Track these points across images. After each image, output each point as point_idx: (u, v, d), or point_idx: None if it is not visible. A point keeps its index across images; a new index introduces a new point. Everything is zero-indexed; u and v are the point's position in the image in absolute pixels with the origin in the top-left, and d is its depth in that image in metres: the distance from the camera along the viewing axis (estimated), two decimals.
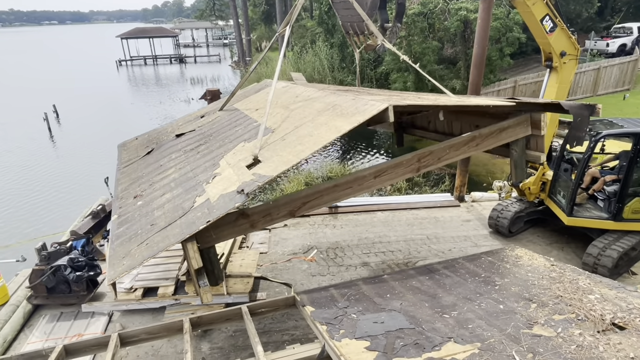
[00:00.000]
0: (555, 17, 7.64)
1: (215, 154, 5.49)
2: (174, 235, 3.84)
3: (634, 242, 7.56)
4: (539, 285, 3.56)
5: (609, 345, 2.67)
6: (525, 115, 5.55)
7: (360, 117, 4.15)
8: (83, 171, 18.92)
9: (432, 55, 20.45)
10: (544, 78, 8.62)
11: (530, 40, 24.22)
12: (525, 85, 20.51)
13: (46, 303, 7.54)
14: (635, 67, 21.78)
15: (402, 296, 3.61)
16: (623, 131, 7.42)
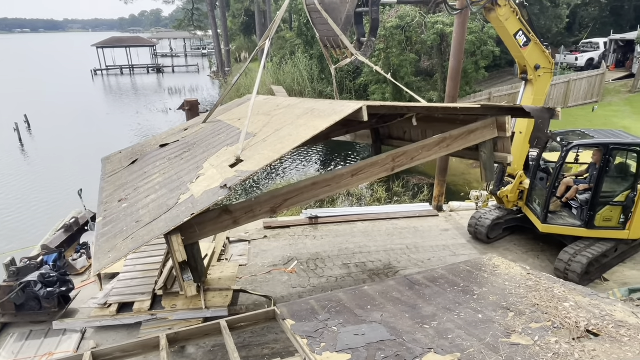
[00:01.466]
0: (528, 32, 7.89)
1: (199, 158, 5.63)
2: (158, 229, 3.97)
3: (604, 249, 7.80)
4: (516, 294, 3.62)
5: (584, 353, 2.73)
6: (492, 119, 5.83)
7: (336, 116, 4.39)
8: (55, 183, 18.39)
9: (409, 67, 20.86)
10: (520, 90, 8.87)
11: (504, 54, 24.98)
12: (499, 97, 21.08)
13: (14, 321, 7.24)
14: (602, 81, 22.69)
15: (383, 307, 3.61)
16: (593, 142, 7.71)
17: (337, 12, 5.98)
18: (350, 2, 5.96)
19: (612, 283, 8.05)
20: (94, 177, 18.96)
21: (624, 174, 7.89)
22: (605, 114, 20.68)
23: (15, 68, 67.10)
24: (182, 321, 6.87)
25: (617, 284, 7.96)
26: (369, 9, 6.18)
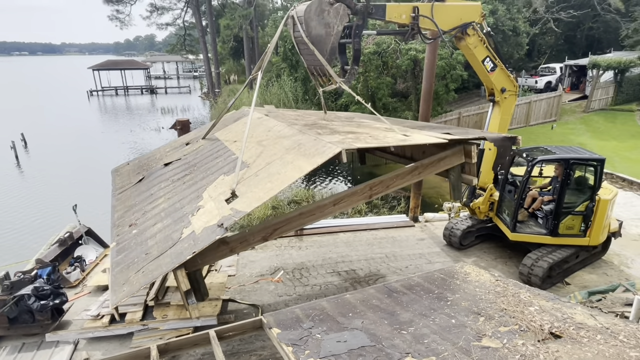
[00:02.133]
0: (495, 58, 8.12)
1: (199, 185, 5.80)
2: (165, 264, 4.23)
3: (564, 255, 7.94)
4: (486, 300, 3.64)
5: (548, 354, 2.75)
6: (460, 147, 5.98)
7: (319, 158, 4.59)
8: (50, 199, 17.89)
9: (386, 90, 21.18)
10: (488, 111, 9.06)
11: (472, 77, 25.62)
12: (468, 117, 21.56)
13: (7, 334, 6.95)
14: (559, 101, 23.44)
15: (364, 314, 3.59)
16: (555, 157, 7.90)
17: (322, 44, 6.03)
18: (334, 35, 6.07)
19: (573, 286, 8.18)
20: (89, 192, 18.72)
21: (583, 186, 8.09)
22: (563, 131, 21.31)
23: (13, 89, 65.67)
24: (173, 330, 6.71)
25: (578, 287, 8.09)
26: (352, 40, 6.28)
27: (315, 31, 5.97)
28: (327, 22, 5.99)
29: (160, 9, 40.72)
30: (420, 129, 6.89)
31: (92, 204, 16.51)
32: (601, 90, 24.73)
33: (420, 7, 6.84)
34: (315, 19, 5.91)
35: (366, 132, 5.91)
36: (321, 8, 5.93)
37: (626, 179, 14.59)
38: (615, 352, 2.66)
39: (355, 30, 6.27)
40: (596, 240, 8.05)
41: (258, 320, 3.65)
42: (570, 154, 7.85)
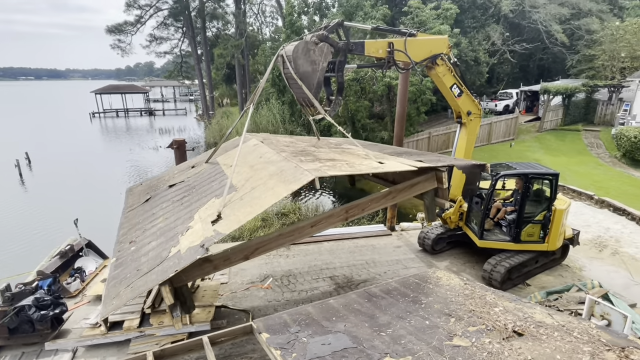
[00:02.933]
0: (461, 85, 8.32)
1: (194, 206, 5.71)
2: (151, 281, 4.23)
3: (522, 259, 8.05)
4: (456, 302, 3.65)
5: (512, 350, 2.76)
6: (432, 173, 5.97)
7: (295, 185, 4.59)
8: (52, 214, 17.33)
9: (364, 112, 21.47)
10: (456, 131, 9.25)
11: (439, 101, 26.24)
12: (437, 136, 21.96)
13: (7, 344, 6.61)
14: (516, 122, 24.15)
15: (346, 318, 3.55)
16: (516, 172, 8.06)
17: (309, 79, 6.11)
18: (320, 71, 6.17)
19: (533, 287, 8.29)
20: (89, 207, 18.20)
21: (541, 198, 8.26)
22: (520, 148, 21.89)
23: (19, 111, 64.02)
24: (169, 336, 6.50)
25: (537, 288, 8.21)
26: (336, 74, 6.44)
27: (303, 68, 6.05)
28: (313, 59, 6.09)
29: (159, 39, 40.58)
30: (399, 155, 6.86)
31: (93, 218, 16.06)
32: (552, 112, 25.64)
33: (394, 42, 7.02)
34: (302, 57, 6.00)
35: (345, 160, 5.82)
36: (307, 48, 6.03)
37: (575, 190, 15.04)
38: (570, 347, 2.70)
39: (338, 65, 6.44)
40: (554, 245, 8.20)
41: (248, 325, 3.57)
42: (529, 169, 8.05)
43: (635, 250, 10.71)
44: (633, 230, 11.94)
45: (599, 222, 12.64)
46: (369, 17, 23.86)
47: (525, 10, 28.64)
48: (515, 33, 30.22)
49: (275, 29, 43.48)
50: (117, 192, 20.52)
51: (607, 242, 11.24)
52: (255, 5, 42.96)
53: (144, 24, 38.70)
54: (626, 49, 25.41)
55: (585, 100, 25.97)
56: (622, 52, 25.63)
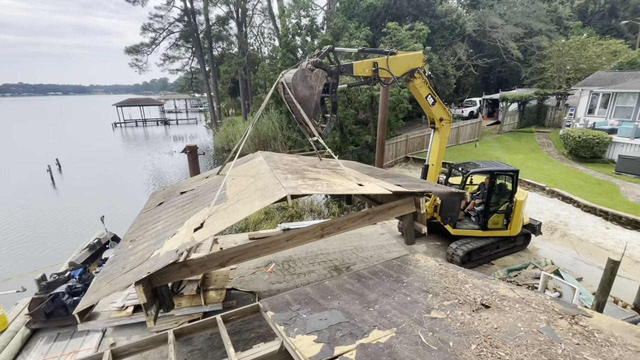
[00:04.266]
0: (434, 95, 8.36)
1: (189, 213, 5.35)
2: (128, 280, 3.90)
3: (480, 244, 8.14)
4: (433, 280, 3.67)
5: (481, 320, 2.79)
6: (410, 198, 5.45)
7: (269, 200, 4.19)
8: (81, 212, 17.04)
9: (350, 119, 21.44)
10: (430, 135, 9.28)
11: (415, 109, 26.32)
12: (413, 139, 22.01)
13: (44, 327, 6.51)
14: (480, 126, 24.33)
15: (339, 297, 3.55)
16: (482, 170, 8.13)
17: (308, 102, 6.06)
18: (316, 94, 6.10)
19: (497, 266, 8.38)
20: (114, 205, 17.90)
21: (504, 191, 8.34)
22: (483, 148, 22.08)
23: (49, 122, 62.76)
24: (186, 316, 6.45)
25: (500, 266, 8.31)
26: (330, 95, 6.40)
27: (302, 93, 5.99)
28: (310, 85, 6.01)
29: (171, 58, 39.99)
30: (385, 177, 6.51)
31: (117, 215, 15.85)
32: (509, 117, 25.92)
33: (378, 61, 7.03)
34: (300, 83, 5.93)
35: (328, 180, 5.33)
36: (304, 74, 5.97)
37: (530, 183, 15.24)
38: (529, 316, 2.73)
39: (332, 87, 6.35)
40: (515, 231, 8.29)
41: (255, 305, 3.55)
42: (493, 167, 8.12)
43: (580, 233, 10.91)
44: (579, 215, 12.16)
45: (550, 209, 12.84)
46: (354, 37, 23.80)
47: (486, 30, 28.87)
48: (478, 50, 30.46)
49: (272, 48, 43.15)
50: (137, 191, 20.27)
51: (557, 226, 11.43)
52: (255, 27, 42.61)
53: (158, 45, 38.12)
54: (570, 62, 25.80)
55: (537, 106, 26.34)
56: (567, 65, 26.01)
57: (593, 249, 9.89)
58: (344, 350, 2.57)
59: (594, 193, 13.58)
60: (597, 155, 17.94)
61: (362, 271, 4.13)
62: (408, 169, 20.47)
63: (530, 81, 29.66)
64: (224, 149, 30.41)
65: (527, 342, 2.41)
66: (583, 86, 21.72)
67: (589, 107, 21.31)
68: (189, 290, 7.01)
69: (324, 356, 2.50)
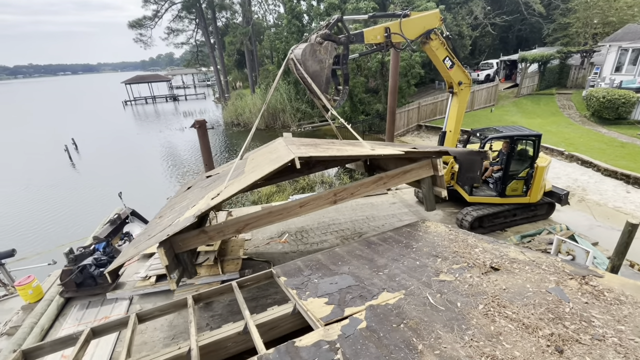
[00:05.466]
0: (452, 57, 7.95)
1: (210, 188, 5.67)
2: (151, 243, 4.26)
3: (492, 211, 8.02)
4: (442, 245, 3.69)
5: (489, 282, 2.82)
6: (427, 160, 5.27)
7: (277, 163, 4.28)
8: (100, 189, 17.65)
9: (360, 87, 20.86)
10: (447, 101, 8.95)
11: (428, 74, 25.28)
12: (426, 105, 21.36)
13: (76, 295, 6.98)
14: (496, 90, 23.31)
15: (349, 262, 3.63)
16: (502, 135, 7.84)
17: (319, 77, 5.99)
18: (327, 67, 6.01)
19: (510, 232, 8.35)
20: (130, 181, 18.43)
21: (524, 157, 8.06)
22: (499, 113, 21.28)
23: (62, 103, 63.57)
24: (205, 284, 6.77)
25: (513, 233, 8.27)
26: (341, 67, 6.23)
27: (312, 68, 5.92)
28: (320, 59, 5.94)
29: (175, 31, 39.10)
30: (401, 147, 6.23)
31: (134, 190, 16.36)
32: (528, 79, 24.63)
33: (390, 26, 6.69)
34: (310, 58, 5.84)
35: (338, 148, 5.33)
36: (313, 49, 5.86)
37: (548, 147, 14.77)
38: (539, 278, 2.75)
39: (343, 59, 6.18)
40: (535, 198, 8.07)
41: (269, 271, 3.69)
42: (514, 132, 7.81)
43: (599, 197, 10.66)
44: (598, 180, 11.82)
45: (568, 175, 12.51)
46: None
47: None
48: (496, 6, 28.49)
49: (277, 15, 41.48)
50: (153, 168, 20.71)
51: (575, 191, 11.18)
52: None
53: (161, 18, 37.20)
54: (598, 15, 23.88)
55: (559, 66, 24.83)
56: (594, 18, 24.10)
57: (611, 213, 9.68)
58: (354, 311, 2.67)
59: (616, 156, 13.07)
60: (622, 117, 17.06)
61: (371, 238, 4.19)
62: (420, 137, 20.07)
63: (552, 39, 27.78)
64: (233, 123, 30.35)
65: (535, 301, 2.44)
66: (611, 41, 20.23)
67: (616, 64, 19.98)
68: (207, 260, 7.32)
69: (334, 316, 2.61)
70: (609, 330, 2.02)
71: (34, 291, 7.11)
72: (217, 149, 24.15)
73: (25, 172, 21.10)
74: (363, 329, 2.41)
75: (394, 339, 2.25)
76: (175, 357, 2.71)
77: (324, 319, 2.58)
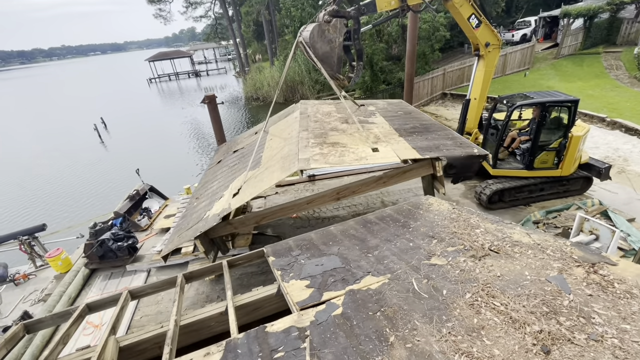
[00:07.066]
0: (479, 15, 7.18)
1: (234, 176, 6.15)
2: (188, 236, 5.14)
3: (517, 184, 7.46)
4: (441, 225, 3.43)
5: (484, 268, 2.57)
6: (427, 160, 5.42)
7: (285, 173, 4.71)
8: (130, 165, 18.46)
9: (380, 54, 19.75)
10: (474, 65, 8.22)
11: (456, 36, 23.40)
12: (452, 72, 19.96)
13: (99, 267, 7.46)
14: (532, 51, 21.24)
15: (341, 242, 3.48)
16: (531, 102, 7.09)
17: (330, 57, 5.77)
18: (338, 47, 5.74)
19: (534, 207, 7.81)
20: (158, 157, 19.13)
21: (558, 125, 7.33)
22: (534, 77, 19.50)
23: (93, 82, 66.11)
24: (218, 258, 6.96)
25: (538, 208, 7.73)
26: (353, 43, 5.84)
27: (322, 50, 5.67)
28: (330, 38, 5.64)
29: (193, 4, 38.61)
30: (412, 133, 6.18)
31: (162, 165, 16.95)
32: (571, 37, 22.12)
33: None
34: (319, 40, 5.59)
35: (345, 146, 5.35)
36: (321, 30, 5.56)
37: (587, 114, 13.43)
38: (540, 264, 2.46)
39: (354, 34, 5.76)
40: (567, 171, 7.43)
41: (261, 250, 3.63)
42: (546, 98, 7.05)
43: None
44: None
45: (608, 144, 11.38)
46: None
47: None
48: None
49: None
50: (179, 143, 21.25)
51: (614, 162, 10.18)
52: None
53: None
54: None
55: (608, 20, 21.95)
56: None
57: None
58: (333, 295, 2.54)
59: None
60: None
61: (369, 216, 3.99)
62: (445, 107, 18.96)
63: None
64: (252, 97, 30.18)
65: (531, 291, 2.17)
66: None
67: None
68: None
69: (311, 301, 2.50)
70: (610, 329, 1.74)
71: (63, 262, 7.65)
72: (241, 124, 24.30)
73: (65, 151, 22.39)
74: (337, 315, 2.28)
75: (367, 328, 2.11)
76: (158, 335, 2.76)
77: (300, 304, 2.48)
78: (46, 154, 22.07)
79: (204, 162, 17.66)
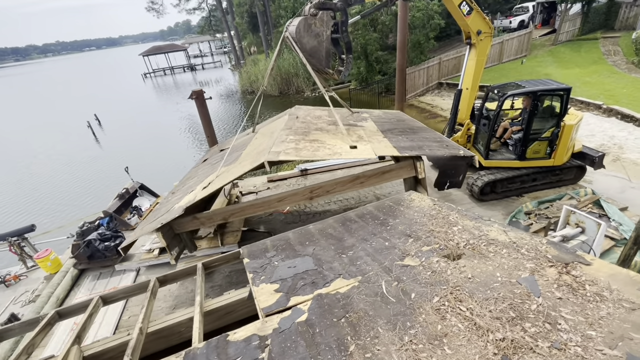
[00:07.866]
0: (470, 2, 6.98)
1: (211, 171, 5.97)
2: (151, 227, 4.91)
3: (509, 175, 7.37)
4: (420, 223, 3.33)
5: (456, 269, 2.48)
6: (409, 161, 5.15)
7: (253, 164, 4.60)
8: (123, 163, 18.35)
9: (374, 44, 19.38)
10: (465, 54, 8.04)
11: (453, 25, 22.94)
12: (447, 61, 19.64)
13: (88, 267, 7.41)
14: (529, 38, 20.86)
15: (317, 242, 3.39)
16: (522, 91, 6.93)
17: (318, 52, 5.63)
18: (325, 40, 5.59)
19: (527, 198, 7.73)
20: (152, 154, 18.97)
21: (550, 114, 7.19)
22: (531, 64, 19.19)
23: (87, 78, 65.46)
24: (206, 256, 6.90)
25: (530, 198, 7.65)
26: (340, 35, 5.70)
27: (309, 44, 5.51)
28: (317, 32, 5.48)
29: None
30: (400, 134, 5.98)
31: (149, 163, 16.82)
32: (569, 22, 21.70)
33: None
34: (305, 35, 5.43)
35: (323, 142, 5.18)
36: (307, 23, 5.40)
37: (584, 102, 13.24)
38: (513, 264, 2.37)
39: (342, 26, 5.63)
40: (560, 160, 7.34)
41: (237, 252, 3.55)
42: (538, 87, 6.88)
43: (637, 156, 9.53)
44: (639, 136, 10.51)
45: (604, 131, 11.22)
46: None
47: None
48: None
49: None
50: (172, 139, 21.09)
51: (609, 150, 10.05)
52: None
53: None
54: None
55: (606, 4, 21.52)
56: None
57: None
58: (300, 300, 2.46)
59: None
60: None
61: (349, 213, 3.89)
62: (441, 97, 18.72)
63: None
64: (247, 91, 29.88)
65: (500, 294, 2.09)
66: None
67: None
68: (207, 232, 7.43)
69: (277, 307, 2.42)
70: (575, 337, 1.66)
71: (52, 263, 7.61)
72: (237, 117, 24.08)
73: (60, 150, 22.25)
74: (301, 322, 2.21)
75: (329, 336, 2.03)
76: (124, 343, 2.70)
77: (266, 310, 2.41)
78: (40, 153, 21.95)
79: (198, 159, 17.54)
